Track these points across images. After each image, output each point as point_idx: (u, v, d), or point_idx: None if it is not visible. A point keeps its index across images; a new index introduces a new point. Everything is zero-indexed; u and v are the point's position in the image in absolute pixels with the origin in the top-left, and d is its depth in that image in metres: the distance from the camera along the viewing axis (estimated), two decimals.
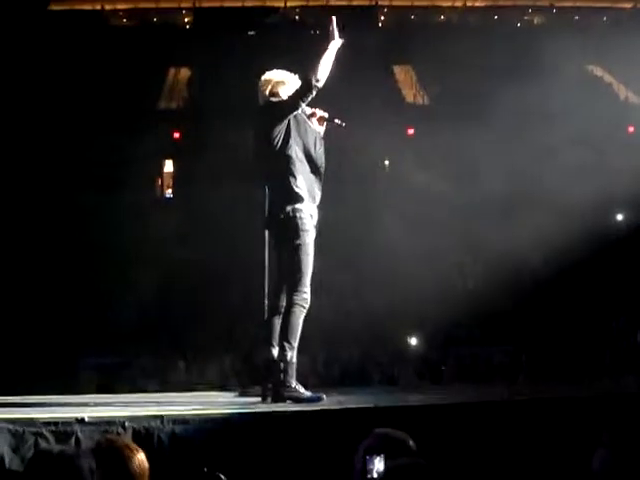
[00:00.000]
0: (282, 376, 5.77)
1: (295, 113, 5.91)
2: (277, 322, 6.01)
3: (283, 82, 6.04)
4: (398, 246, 14.33)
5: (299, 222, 5.84)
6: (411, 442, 3.67)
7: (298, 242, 5.83)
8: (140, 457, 3.42)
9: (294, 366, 5.80)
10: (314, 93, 5.84)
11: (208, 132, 17.30)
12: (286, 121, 5.89)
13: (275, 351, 5.95)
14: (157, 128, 18.29)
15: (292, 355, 5.79)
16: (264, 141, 5.94)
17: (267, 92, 6.02)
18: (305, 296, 5.85)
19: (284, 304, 5.96)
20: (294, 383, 5.78)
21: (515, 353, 11.69)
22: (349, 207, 14.23)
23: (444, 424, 5.10)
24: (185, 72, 22.78)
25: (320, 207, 6.04)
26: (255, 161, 6.10)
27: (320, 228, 6.03)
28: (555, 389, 6.46)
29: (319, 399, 5.72)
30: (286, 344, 5.80)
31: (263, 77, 6.09)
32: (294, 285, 5.84)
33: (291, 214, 5.85)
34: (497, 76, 16.97)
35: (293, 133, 5.90)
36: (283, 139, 5.88)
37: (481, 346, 11.99)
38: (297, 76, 6.05)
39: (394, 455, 3.41)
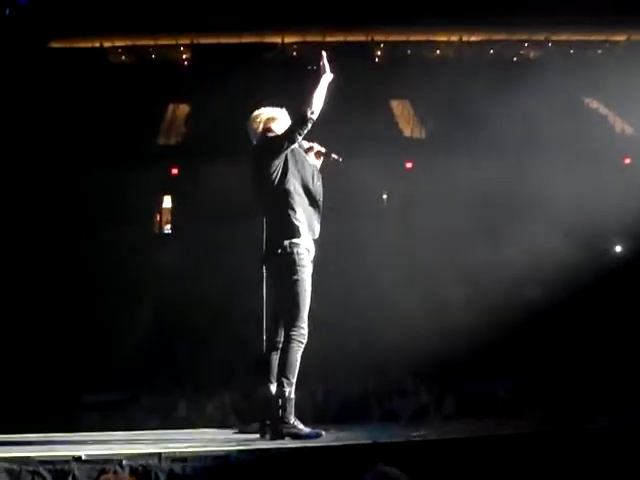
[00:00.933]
0: (280, 412, 5.73)
1: (292, 147, 5.93)
2: (275, 358, 5.99)
3: (274, 118, 6.08)
4: (397, 280, 14.32)
5: (296, 257, 5.84)
6: None
7: (295, 277, 5.82)
8: None
9: (293, 402, 5.77)
10: (309, 126, 5.88)
11: (206, 168, 17.36)
12: (283, 155, 5.92)
13: (273, 387, 5.92)
14: (156, 164, 18.36)
15: (290, 391, 5.76)
16: (262, 176, 5.96)
17: (259, 129, 6.06)
18: (303, 332, 5.83)
19: (282, 340, 5.95)
20: (293, 419, 5.74)
21: (518, 387, 11.62)
22: (347, 241, 14.23)
23: (445, 460, 5.06)
24: (184, 108, 22.90)
25: (318, 241, 6.04)
26: (253, 196, 6.12)
27: (318, 262, 6.03)
28: (557, 423, 6.42)
29: (318, 435, 5.69)
30: (284, 380, 5.77)
31: (253, 114, 6.13)
32: (292, 321, 5.83)
33: (288, 249, 5.85)
34: (493, 109, 17.04)
35: (291, 167, 5.92)
36: (281, 173, 5.90)
37: (483, 380, 11.92)
38: (286, 111, 6.10)
39: None
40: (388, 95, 22.81)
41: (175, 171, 19.32)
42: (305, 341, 5.83)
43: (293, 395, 5.77)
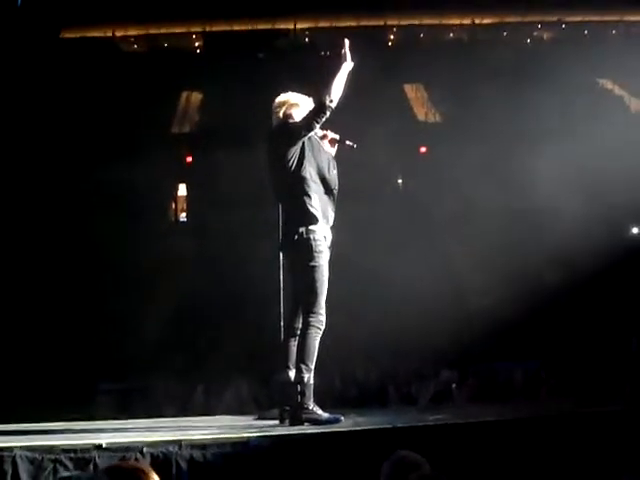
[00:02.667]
0: (299, 398, 5.75)
1: (309, 135, 5.92)
2: (293, 344, 6.00)
3: (297, 104, 6.06)
4: (412, 264, 14.29)
5: (313, 244, 5.84)
6: (427, 466, 3.65)
7: (312, 264, 5.83)
8: (155, 478, 3.42)
9: (311, 388, 5.79)
10: (328, 114, 5.87)
11: (221, 155, 17.36)
12: (300, 143, 5.91)
13: (292, 373, 5.94)
14: (170, 152, 18.37)
15: (309, 377, 5.78)
16: (279, 163, 5.96)
17: (281, 114, 6.05)
18: (321, 318, 5.84)
19: (300, 326, 5.96)
20: (312, 405, 5.76)
21: (536, 370, 11.60)
22: (363, 226, 14.21)
23: (463, 443, 5.07)
24: (197, 96, 22.90)
25: (334, 227, 6.04)
26: (269, 183, 6.12)
27: (334, 248, 6.03)
28: (575, 405, 6.41)
29: (337, 420, 5.70)
30: (303, 366, 5.79)
31: (277, 100, 6.11)
32: (309, 307, 5.84)
33: (305, 235, 5.85)
34: (508, 92, 16.96)
35: (307, 154, 5.91)
36: (298, 160, 5.90)
37: (501, 363, 11.91)
38: (310, 99, 6.08)
39: None
40: (401, 79, 22.72)
41: (190, 159, 19.34)
42: (323, 327, 5.84)
43: (312, 381, 5.79)
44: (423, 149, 19.33)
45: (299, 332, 5.95)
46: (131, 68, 21.33)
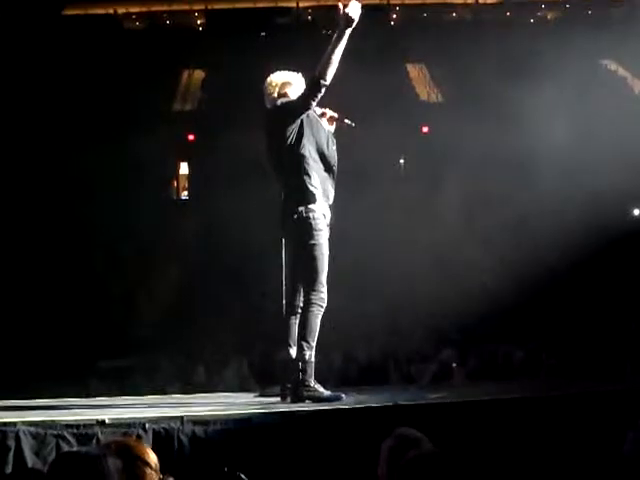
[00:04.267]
0: (301, 375, 5.78)
1: (307, 112, 5.92)
2: (294, 322, 6.03)
3: (289, 83, 6.05)
4: (414, 244, 14.31)
5: (312, 222, 5.85)
6: (428, 443, 3.67)
7: (312, 242, 5.84)
8: (151, 454, 3.46)
9: (313, 365, 5.81)
10: (323, 91, 5.85)
11: (223, 133, 17.33)
12: (299, 121, 5.90)
13: (293, 351, 5.96)
14: (172, 130, 18.34)
15: (311, 354, 5.80)
16: (277, 142, 5.95)
17: (275, 94, 6.03)
18: (322, 295, 5.86)
19: (301, 304, 5.98)
20: (313, 382, 5.79)
21: (535, 350, 11.63)
22: (364, 205, 14.21)
23: (463, 421, 5.09)
24: (199, 74, 22.84)
25: (335, 206, 6.05)
26: (268, 163, 6.11)
27: (335, 227, 6.03)
28: (575, 385, 6.44)
29: (338, 398, 5.73)
30: (304, 343, 5.81)
31: (268, 79, 6.09)
32: (310, 284, 5.86)
33: (304, 214, 5.85)
34: (510, 72, 16.91)
35: (306, 132, 5.91)
36: (296, 138, 5.89)
37: (500, 344, 11.94)
38: (301, 75, 6.07)
39: None
40: (404, 58, 22.65)
41: (191, 137, 19.31)
42: (325, 304, 5.86)
43: (313, 358, 5.81)
44: (425, 129, 19.29)
45: (300, 310, 5.97)
46: (133, 45, 21.27)
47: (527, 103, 15.70)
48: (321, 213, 5.89)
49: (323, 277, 5.86)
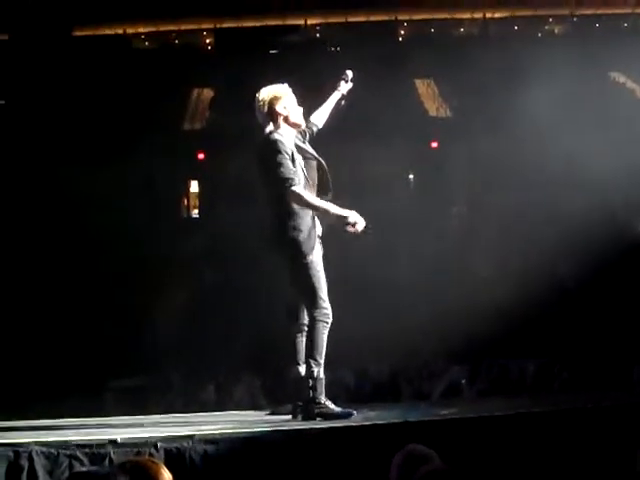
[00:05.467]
0: (311, 393, 5.79)
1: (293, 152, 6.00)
2: (301, 340, 6.05)
3: (277, 97, 6.09)
4: (424, 259, 14.30)
5: (301, 241, 5.89)
6: (438, 459, 3.68)
7: (305, 261, 5.87)
8: (167, 474, 3.48)
9: (322, 382, 5.82)
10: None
11: (232, 152, 17.39)
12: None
13: (302, 369, 5.98)
14: (181, 149, 18.42)
15: (319, 371, 5.81)
16: (262, 175, 6.03)
17: (265, 110, 6.08)
18: (325, 311, 5.87)
19: (306, 322, 6.01)
20: (324, 399, 5.80)
21: (548, 364, 11.59)
22: (374, 221, 14.22)
23: (474, 438, 5.09)
24: (208, 93, 22.93)
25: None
26: (259, 186, 6.18)
27: (344, 242, 6.05)
28: (589, 399, 6.41)
29: (350, 415, 5.73)
30: (312, 361, 5.82)
31: (257, 95, 6.14)
32: (312, 303, 5.88)
33: (291, 235, 5.89)
34: (519, 86, 16.92)
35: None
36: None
37: (511, 358, 11.91)
38: (290, 90, 6.14)
39: None
40: (412, 74, 22.70)
41: (201, 156, 19.37)
42: (330, 320, 5.88)
43: (322, 375, 5.82)
44: (434, 144, 19.31)
45: (306, 327, 5.99)
46: (142, 65, 21.38)
47: (536, 116, 15.71)
48: (307, 230, 5.91)
49: (322, 293, 5.87)
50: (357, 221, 5.91)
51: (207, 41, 25.52)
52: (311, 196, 5.91)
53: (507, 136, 16.14)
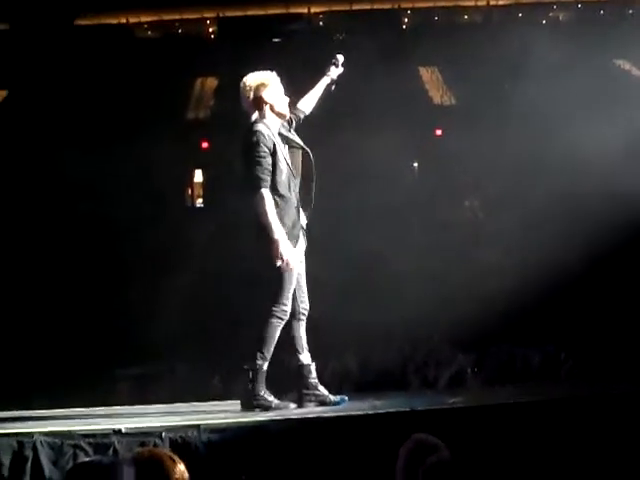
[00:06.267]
0: (250, 385, 5.84)
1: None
2: (297, 328, 6.05)
3: (264, 84, 6.05)
4: (430, 246, 14.28)
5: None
6: (445, 449, 3.65)
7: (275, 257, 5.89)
8: (181, 468, 3.45)
9: (264, 375, 5.88)
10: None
11: (236, 141, 17.33)
12: None
13: (302, 356, 5.99)
14: (186, 138, 18.39)
15: (261, 365, 5.88)
16: (243, 168, 6.03)
17: (250, 96, 6.04)
18: (284, 308, 5.92)
19: (301, 310, 6.02)
20: (262, 391, 5.84)
21: (553, 352, 11.57)
22: (379, 208, 14.19)
23: (481, 426, 5.06)
24: (212, 82, 22.88)
25: (350, 209, 6.04)
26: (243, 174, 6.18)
27: (350, 229, 6.03)
28: (597, 387, 6.39)
29: (287, 407, 5.80)
30: (259, 354, 5.95)
31: (244, 81, 6.10)
32: (274, 298, 5.90)
33: (264, 229, 5.90)
34: (523, 73, 16.86)
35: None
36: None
37: (519, 346, 11.88)
38: (277, 77, 6.10)
39: None
40: (416, 62, 22.61)
41: (205, 145, 19.34)
42: (286, 318, 5.90)
43: (265, 369, 5.87)
44: (439, 132, 19.26)
45: (302, 316, 6.00)
46: (145, 54, 21.34)
47: (540, 104, 15.65)
48: (291, 223, 5.91)
49: (288, 292, 5.87)
50: (285, 257, 5.85)
51: (210, 30, 25.43)
52: (271, 208, 5.86)
53: (511, 123, 16.09)
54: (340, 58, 6.48)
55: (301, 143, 6.22)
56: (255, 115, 6.01)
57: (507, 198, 15.43)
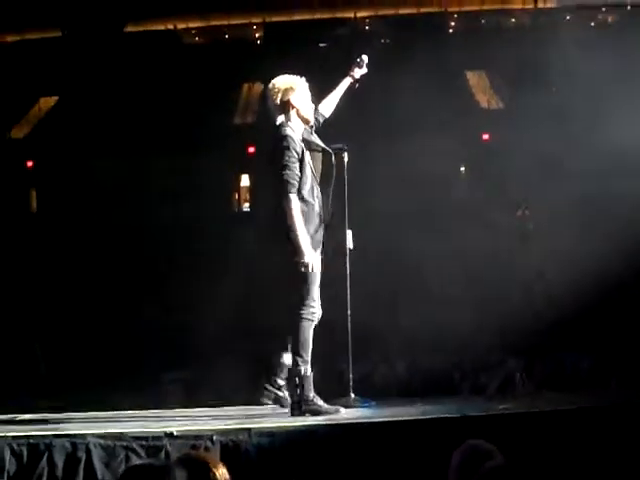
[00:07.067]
0: (299, 390, 5.88)
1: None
2: None
3: (292, 89, 6.12)
4: (476, 252, 14.17)
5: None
6: (500, 456, 3.63)
7: (302, 259, 5.92)
8: (224, 471, 3.50)
9: (310, 379, 5.96)
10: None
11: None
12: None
13: (286, 355, 6.06)
14: (233, 143, 18.50)
15: (306, 369, 6.01)
16: (269, 173, 6.07)
17: (278, 100, 6.09)
18: (312, 310, 6.16)
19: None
20: (312, 396, 5.90)
21: (604, 359, 11.40)
22: (427, 213, 14.13)
23: (532, 432, 5.03)
24: (258, 87, 22.97)
25: (397, 215, 6.05)
26: (267, 177, 6.22)
27: (398, 234, 6.04)
28: None
29: (337, 411, 5.86)
30: (298, 358, 6.11)
31: (271, 84, 6.16)
32: (300, 300, 5.98)
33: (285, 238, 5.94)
34: (571, 76, 16.69)
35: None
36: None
37: (567, 353, 11.73)
38: (304, 81, 6.12)
39: None
40: (463, 66, 22.50)
41: (252, 149, 19.42)
42: (316, 319, 5.96)
43: (310, 372, 5.89)
44: (486, 136, 19.13)
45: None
46: (193, 60, 21.50)
47: (589, 107, 15.48)
48: (314, 228, 5.94)
49: (313, 292, 5.91)
50: (310, 264, 5.94)
51: (257, 35, 25.53)
52: (298, 213, 5.93)
53: (559, 127, 15.94)
54: (365, 58, 6.51)
55: (323, 145, 6.28)
56: (281, 118, 6.07)
57: (555, 202, 15.28)
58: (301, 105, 6.09)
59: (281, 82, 6.18)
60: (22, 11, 19.93)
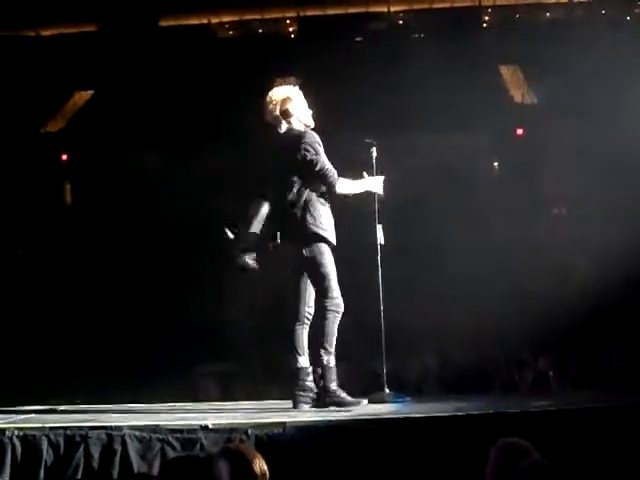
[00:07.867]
0: (322, 382, 5.92)
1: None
2: (301, 331, 6.18)
3: (289, 99, 6.19)
4: (510, 247, 14.12)
5: (322, 234, 6.00)
6: (536, 453, 3.63)
7: (320, 252, 5.97)
8: (262, 462, 3.53)
9: (334, 370, 6.04)
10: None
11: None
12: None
13: (302, 359, 6.12)
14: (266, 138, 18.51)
15: (329, 359, 6.13)
16: (282, 172, 6.09)
17: (276, 111, 6.16)
18: (337, 301, 6.23)
19: (306, 313, 6.19)
20: (335, 387, 5.95)
21: (637, 356, 11.33)
22: (459, 209, 14.09)
23: (570, 430, 5.01)
24: (291, 82, 22.98)
25: (431, 210, 6.06)
26: (277, 175, 6.23)
27: (430, 230, 6.05)
28: None
29: (359, 403, 5.90)
30: (322, 350, 6.33)
31: (269, 95, 6.23)
32: (324, 292, 6.11)
33: (305, 227, 5.98)
34: (607, 71, 16.55)
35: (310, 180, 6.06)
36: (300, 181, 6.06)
37: (602, 349, 11.67)
38: (300, 92, 6.18)
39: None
40: (497, 61, 22.39)
41: None
42: (341, 310, 6.01)
43: (333, 363, 5.93)
44: (520, 131, 19.03)
45: (306, 319, 6.09)
46: (227, 54, 21.56)
47: (624, 103, 15.35)
48: (328, 222, 6.01)
49: (334, 283, 5.96)
50: (377, 185, 6.16)
51: (290, 29, 25.54)
52: (344, 185, 6.05)
53: (594, 122, 15.82)
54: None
55: None
56: (285, 125, 6.17)
57: (590, 198, 15.17)
58: (300, 112, 6.24)
59: (277, 94, 6.30)
60: (58, 6, 20.11)
